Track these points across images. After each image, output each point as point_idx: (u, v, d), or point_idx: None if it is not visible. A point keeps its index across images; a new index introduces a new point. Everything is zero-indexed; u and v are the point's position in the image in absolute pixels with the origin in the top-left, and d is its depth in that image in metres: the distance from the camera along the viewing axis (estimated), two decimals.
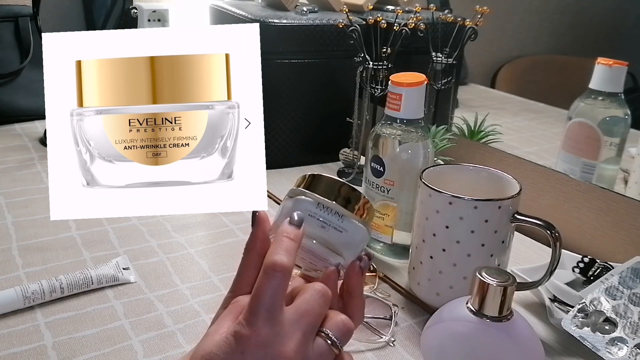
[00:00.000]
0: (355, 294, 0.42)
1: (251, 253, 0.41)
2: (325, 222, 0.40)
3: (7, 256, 0.75)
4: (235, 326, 0.37)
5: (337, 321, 0.39)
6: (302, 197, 0.41)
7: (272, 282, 0.37)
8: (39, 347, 0.59)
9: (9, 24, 1.34)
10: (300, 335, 0.37)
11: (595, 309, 0.60)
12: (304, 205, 0.41)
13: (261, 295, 0.36)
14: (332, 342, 0.38)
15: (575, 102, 0.88)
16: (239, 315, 0.38)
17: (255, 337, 0.36)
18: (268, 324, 0.36)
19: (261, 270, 0.37)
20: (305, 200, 0.41)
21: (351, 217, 0.41)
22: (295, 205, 0.41)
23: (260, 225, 0.41)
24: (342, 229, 0.40)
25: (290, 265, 0.37)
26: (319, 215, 0.40)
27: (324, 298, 0.39)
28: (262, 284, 0.37)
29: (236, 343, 0.36)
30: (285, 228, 0.39)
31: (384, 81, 0.94)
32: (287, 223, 0.40)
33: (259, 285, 0.37)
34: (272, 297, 0.36)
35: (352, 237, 0.41)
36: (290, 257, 0.38)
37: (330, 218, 0.40)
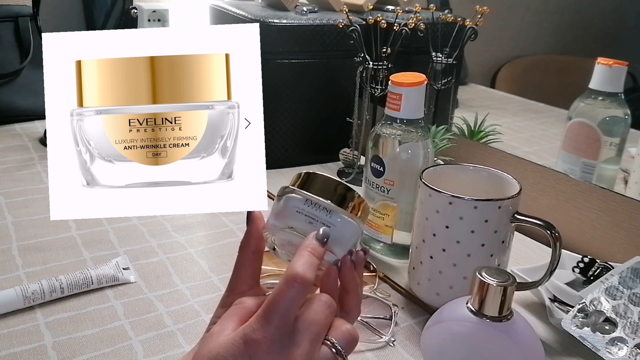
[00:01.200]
0: (350, 289, 0.42)
1: (245, 250, 0.41)
2: (313, 218, 0.40)
3: (7, 256, 0.75)
4: (245, 329, 0.37)
5: (342, 330, 0.39)
6: (291, 194, 0.41)
7: (290, 291, 0.37)
8: (39, 347, 0.59)
9: (9, 24, 1.34)
10: (307, 344, 0.37)
11: (595, 309, 0.60)
12: (292, 202, 0.40)
13: (278, 302, 0.37)
14: (337, 351, 0.38)
15: (575, 102, 0.88)
16: (244, 316, 0.38)
17: (265, 342, 0.36)
18: (279, 331, 0.36)
19: (282, 279, 0.38)
20: (293, 198, 0.41)
21: (340, 212, 0.40)
22: (285, 203, 0.41)
23: (254, 223, 0.41)
24: (330, 224, 0.40)
25: (310, 279, 0.37)
26: (306, 211, 0.40)
27: (330, 309, 0.39)
28: (280, 291, 0.37)
29: (245, 346, 0.36)
30: (309, 242, 0.39)
31: (384, 81, 0.94)
32: (312, 237, 0.39)
33: (277, 293, 0.37)
34: (288, 306, 0.37)
35: (340, 232, 0.40)
36: (312, 271, 0.38)
37: (318, 213, 0.40)
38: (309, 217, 0.40)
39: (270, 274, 0.65)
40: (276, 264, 0.65)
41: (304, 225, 0.40)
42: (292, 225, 0.40)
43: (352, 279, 0.42)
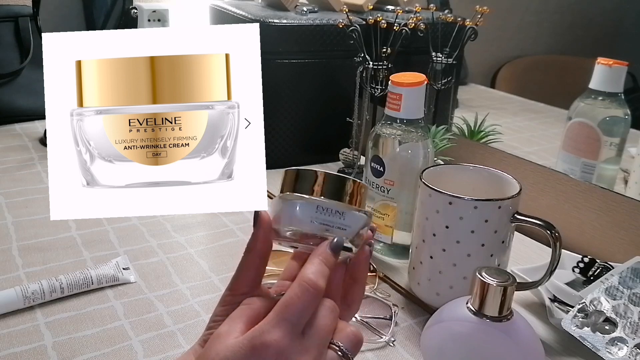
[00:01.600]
0: (360, 279, 0.42)
1: (252, 254, 0.41)
2: (329, 224, 0.40)
3: (7, 256, 0.75)
4: (255, 333, 0.36)
5: (347, 333, 0.39)
6: (299, 201, 0.40)
7: (305, 296, 0.37)
8: (39, 347, 0.59)
9: (9, 24, 1.34)
10: (315, 351, 0.37)
11: (595, 309, 0.60)
12: (302, 210, 0.40)
13: (292, 306, 0.37)
14: (343, 354, 0.38)
15: (575, 102, 0.88)
16: (252, 318, 0.38)
17: (275, 346, 0.36)
18: (289, 336, 0.36)
19: (295, 285, 0.37)
20: (303, 205, 0.40)
21: (351, 209, 0.40)
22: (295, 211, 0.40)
23: (262, 227, 0.41)
24: (346, 226, 0.40)
25: (322, 288, 0.38)
26: (321, 219, 0.40)
27: (334, 313, 0.39)
28: (295, 296, 0.37)
29: (253, 350, 0.36)
30: (322, 250, 0.39)
31: (384, 81, 0.94)
32: (326, 245, 0.39)
33: (291, 297, 0.37)
34: (302, 311, 0.37)
35: (355, 229, 0.41)
36: (324, 280, 0.38)
37: (332, 219, 0.40)
38: (324, 225, 0.40)
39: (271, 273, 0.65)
40: (276, 263, 0.65)
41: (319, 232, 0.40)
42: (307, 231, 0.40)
43: (364, 269, 0.42)
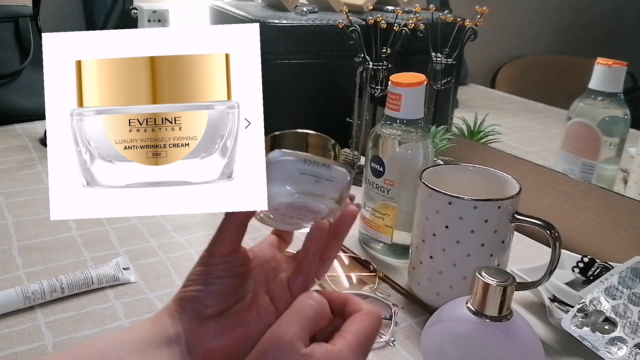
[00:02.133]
0: (340, 235, 0.44)
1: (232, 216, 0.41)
2: (318, 176, 0.41)
3: (8, 256, 0.75)
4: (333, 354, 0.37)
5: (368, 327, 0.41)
6: (288, 157, 0.41)
7: (378, 327, 0.40)
8: (39, 347, 0.59)
9: (9, 24, 1.34)
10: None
11: (595, 308, 0.60)
12: (292, 165, 0.40)
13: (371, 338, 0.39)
14: None
15: (575, 102, 0.88)
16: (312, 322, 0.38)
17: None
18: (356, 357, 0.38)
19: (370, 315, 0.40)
20: (291, 161, 0.41)
21: (335, 163, 0.42)
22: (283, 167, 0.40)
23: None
24: (333, 178, 0.41)
25: None
26: (310, 171, 0.40)
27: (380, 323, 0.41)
28: (373, 328, 0.39)
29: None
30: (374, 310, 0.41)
31: (383, 81, 0.94)
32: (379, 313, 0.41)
33: (371, 329, 0.39)
34: (374, 340, 0.39)
35: (341, 183, 0.42)
36: None
37: (320, 171, 0.41)
38: (314, 176, 0.40)
39: None
40: None
41: (310, 186, 0.40)
42: (299, 189, 0.40)
43: (348, 227, 0.44)
